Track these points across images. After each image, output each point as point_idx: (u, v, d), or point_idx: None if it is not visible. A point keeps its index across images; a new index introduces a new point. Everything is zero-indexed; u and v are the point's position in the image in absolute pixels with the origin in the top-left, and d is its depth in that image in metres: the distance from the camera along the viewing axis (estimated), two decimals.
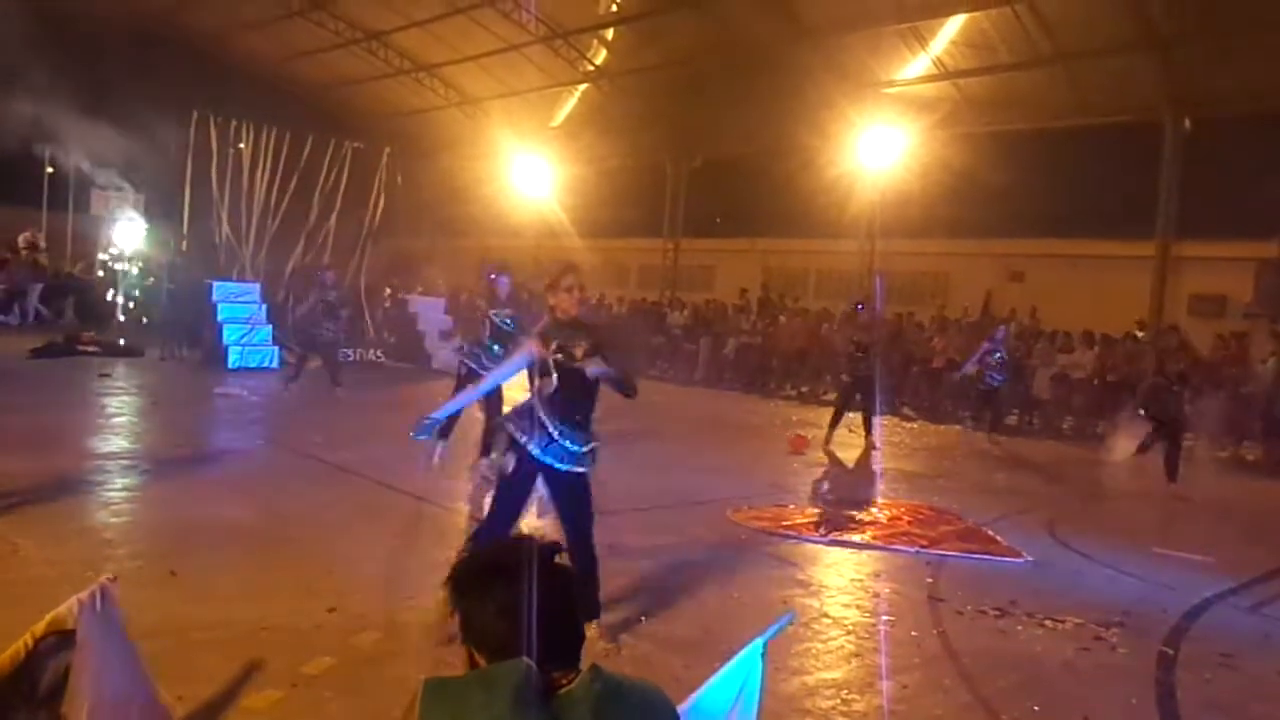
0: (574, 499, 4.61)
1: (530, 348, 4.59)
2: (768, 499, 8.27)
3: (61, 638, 2.43)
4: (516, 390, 5.26)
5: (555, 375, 4.48)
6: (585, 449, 4.58)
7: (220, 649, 4.15)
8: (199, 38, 25.40)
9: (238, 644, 4.23)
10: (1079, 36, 16.51)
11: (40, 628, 2.46)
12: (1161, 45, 15.90)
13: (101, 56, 17.72)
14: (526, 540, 1.72)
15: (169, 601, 4.74)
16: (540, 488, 4.72)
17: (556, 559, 1.71)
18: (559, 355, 4.48)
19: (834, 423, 11.83)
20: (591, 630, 4.28)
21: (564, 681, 1.59)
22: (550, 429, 4.49)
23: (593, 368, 4.42)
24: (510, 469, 4.58)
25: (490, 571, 1.68)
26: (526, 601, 1.59)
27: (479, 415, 8.48)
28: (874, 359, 11.84)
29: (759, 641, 2.31)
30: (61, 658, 2.41)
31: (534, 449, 4.49)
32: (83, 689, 2.41)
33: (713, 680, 2.25)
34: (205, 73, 21.66)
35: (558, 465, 4.53)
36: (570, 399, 4.52)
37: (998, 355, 12.54)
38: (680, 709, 1.94)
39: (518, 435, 4.54)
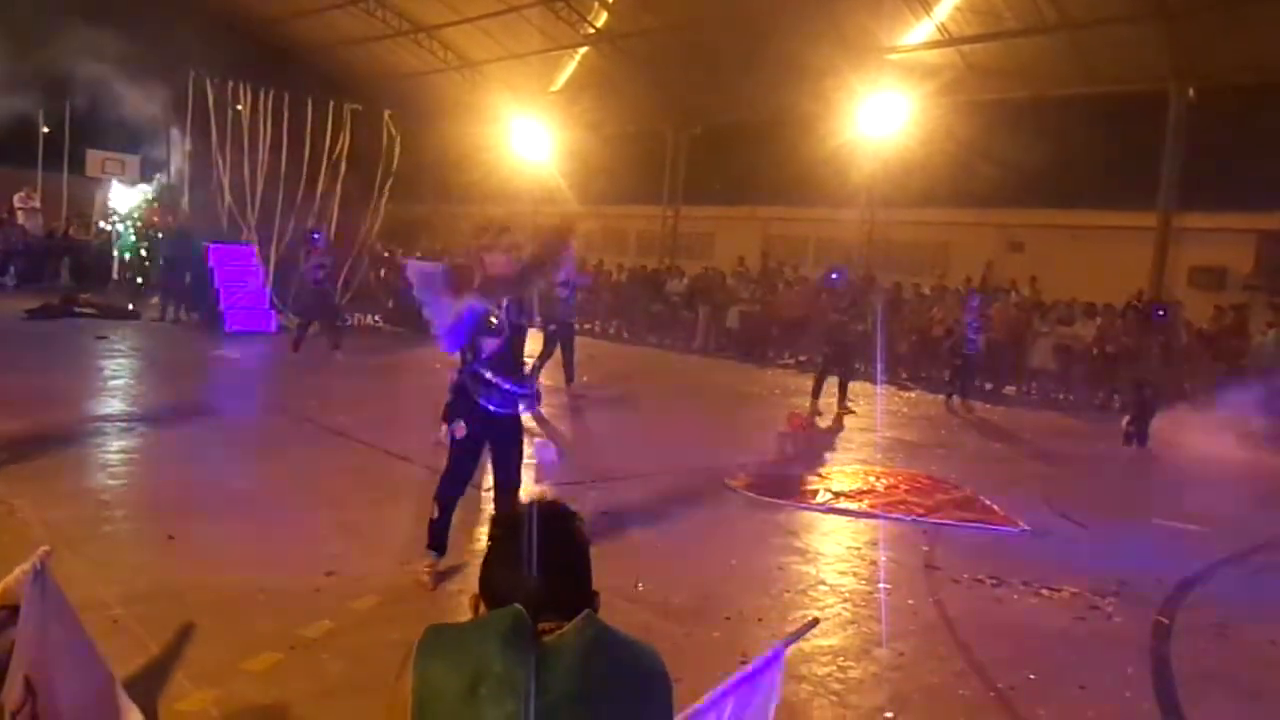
0: (514, 437, 5.03)
1: (474, 303, 4.75)
2: (765, 467, 8.27)
3: (9, 613, 2.43)
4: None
5: (501, 333, 4.81)
6: (529, 391, 5.10)
7: (218, 612, 4.15)
8: None
9: (236, 607, 4.23)
10: (1084, 4, 16.33)
11: None
12: (1167, 15, 15.74)
13: (98, 15, 17.48)
14: (542, 503, 1.80)
15: (167, 565, 4.75)
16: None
17: (573, 523, 1.80)
18: (508, 313, 4.81)
19: (816, 393, 11.90)
20: None
21: (557, 629, 1.64)
22: (500, 384, 4.81)
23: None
24: (460, 433, 4.86)
25: (505, 528, 1.77)
26: (527, 556, 1.69)
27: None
28: (856, 327, 12.06)
29: (781, 646, 2.30)
30: (6, 634, 2.41)
31: (491, 407, 4.82)
32: (20, 667, 2.42)
33: (732, 680, 2.24)
34: (202, 32, 21.38)
35: (510, 412, 4.93)
36: (514, 353, 4.90)
37: (975, 324, 13.01)
38: (700, 705, 1.95)
39: (477, 399, 4.81)
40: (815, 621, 3.04)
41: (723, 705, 2.10)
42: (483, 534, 5.05)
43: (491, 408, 4.82)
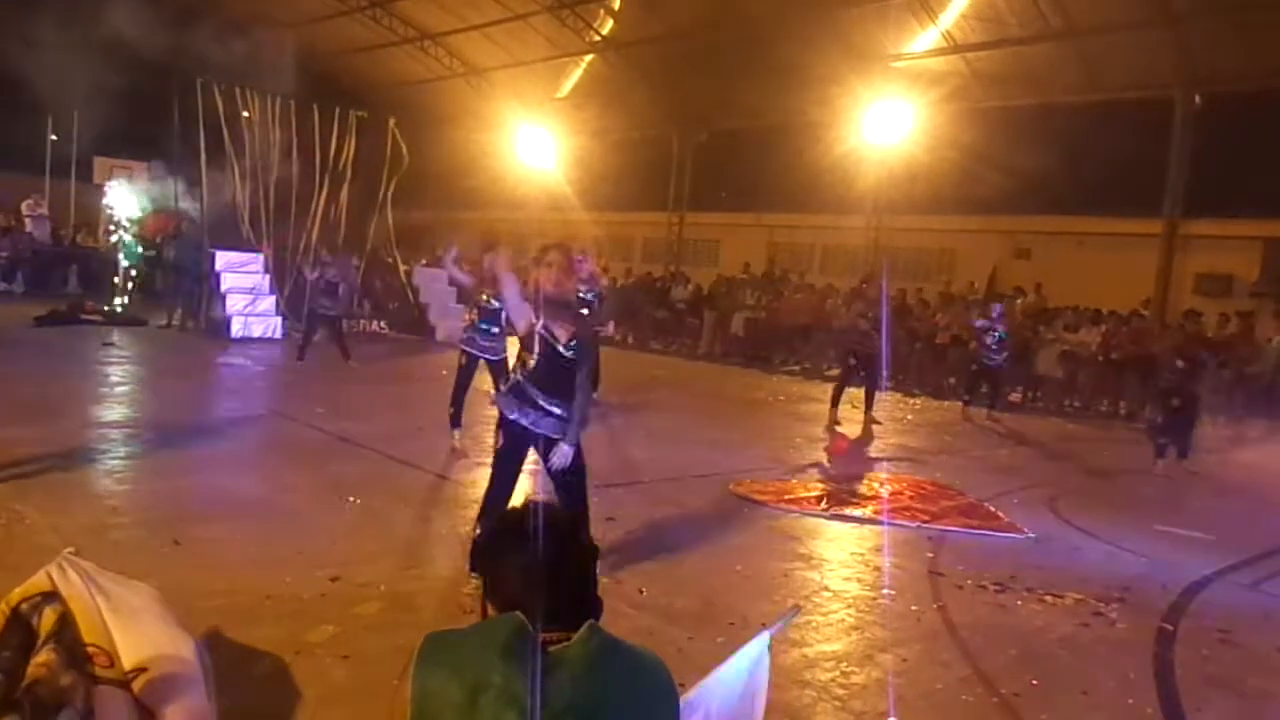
0: (563, 460, 4.80)
1: (528, 313, 4.74)
2: (770, 473, 8.28)
3: (44, 596, 2.42)
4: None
5: (536, 350, 4.71)
6: (566, 414, 4.77)
7: (223, 617, 4.16)
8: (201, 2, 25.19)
9: (241, 612, 4.24)
10: (1090, 11, 16.37)
11: (14, 596, 2.43)
12: (1173, 21, 15.74)
13: (103, 22, 17.56)
14: (549, 508, 1.80)
15: (172, 570, 4.75)
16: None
17: (577, 530, 1.81)
18: (544, 332, 4.70)
19: (835, 400, 11.76)
20: None
21: (562, 639, 1.63)
22: (539, 401, 4.72)
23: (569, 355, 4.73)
24: (500, 444, 4.83)
25: (511, 533, 1.76)
26: (535, 563, 1.68)
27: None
28: (878, 335, 11.80)
29: (766, 635, 2.30)
30: (53, 606, 2.39)
31: (525, 422, 4.73)
32: (95, 610, 2.40)
33: (718, 671, 2.24)
34: (208, 38, 21.47)
35: (551, 434, 4.76)
36: (553, 371, 4.72)
37: (995, 334, 12.47)
38: (688, 698, 1.95)
39: (509, 412, 4.77)
40: (797, 608, 3.04)
41: (710, 696, 2.11)
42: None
43: (526, 423, 4.73)
